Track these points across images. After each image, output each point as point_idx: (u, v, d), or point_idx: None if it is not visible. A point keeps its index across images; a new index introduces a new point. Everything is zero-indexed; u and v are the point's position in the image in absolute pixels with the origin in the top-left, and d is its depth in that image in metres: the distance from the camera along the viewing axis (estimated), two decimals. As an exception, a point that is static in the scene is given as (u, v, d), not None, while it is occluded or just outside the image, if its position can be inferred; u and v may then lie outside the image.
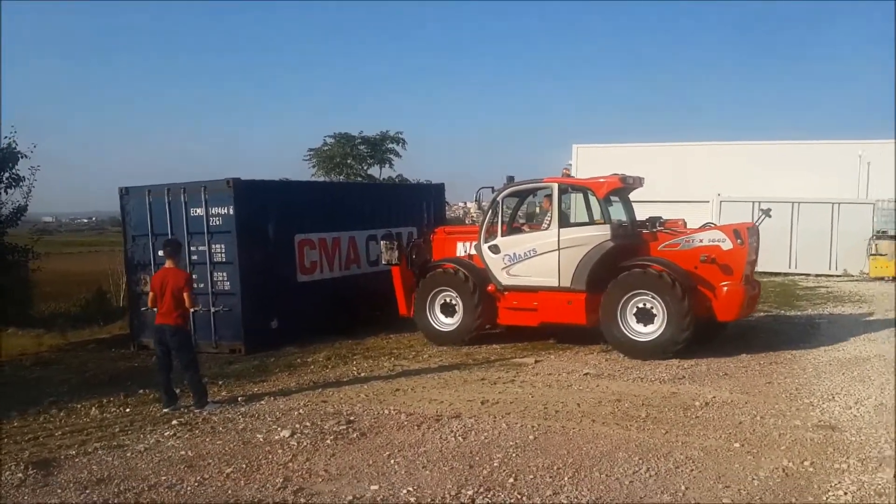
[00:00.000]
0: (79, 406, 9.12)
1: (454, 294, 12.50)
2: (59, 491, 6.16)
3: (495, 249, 12.05)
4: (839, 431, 7.26)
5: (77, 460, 6.91)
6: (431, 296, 12.72)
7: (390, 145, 32.76)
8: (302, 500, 5.74)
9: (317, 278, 14.05)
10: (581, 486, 5.93)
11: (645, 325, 10.93)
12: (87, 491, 6.12)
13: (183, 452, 7.05)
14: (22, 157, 15.98)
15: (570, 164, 12.53)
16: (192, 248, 12.76)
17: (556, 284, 11.51)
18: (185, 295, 8.68)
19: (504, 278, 12.01)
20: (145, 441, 7.48)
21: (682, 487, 5.86)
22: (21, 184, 16.09)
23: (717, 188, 26.69)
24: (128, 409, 8.93)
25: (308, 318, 13.50)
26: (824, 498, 5.59)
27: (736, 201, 25.09)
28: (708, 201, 26.47)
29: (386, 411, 8.29)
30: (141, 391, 9.78)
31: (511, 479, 6.09)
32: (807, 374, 9.78)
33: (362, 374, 10.48)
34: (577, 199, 14.72)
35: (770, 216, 12.07)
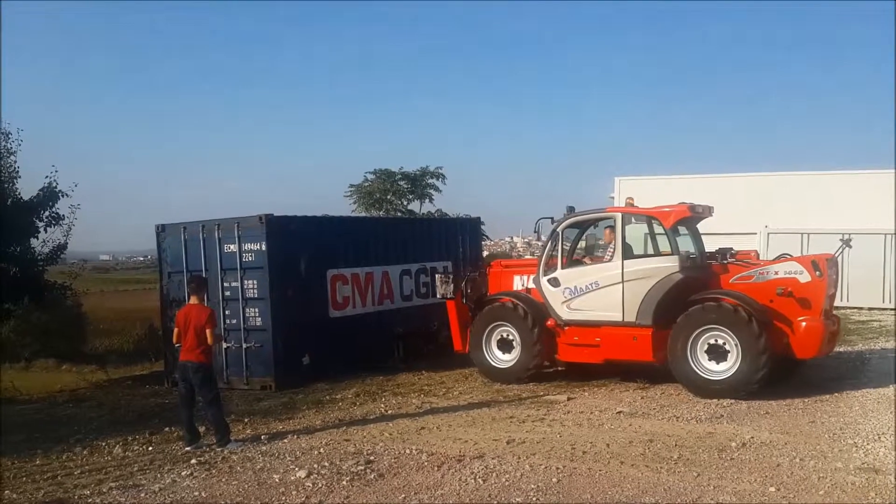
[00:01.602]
0: (103, 444, 9.11)
1: (511, 329, 12.02)
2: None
3: (555, 282, 11.62)
4: (883, 474, 6.81)
5: (90, 500, 6.86)
6: (488, 331, 12.25)
7: (430, 180, 32.90)
8: (308, 545, 5.55)
9: (349, 314, 13.98)
10: (601, 534, 5.62)
11: (717, 363, 10.35)
12: (96, 532, 6.04)
13: (196, 493, 6.95)
14: (63, 196, 16.39)
15: (632, 197, 12.00)
16: (224, 285, 12.84)
17: (621, 319, 11.01)
18: (207, 331, 8.66)
19: (564, 313, 11.57)
20: (161, 481, 7.40)
21: (709, 536, 5.51)
22: (61, 222, 16.48)
23: (763, 220, 26.02)
24: (150, 448, 8.88)
25: (340, 353, 13.43)
26: (863, 549, 5.19)
27: (784, 233, 24.40)
28: (755, 233, 25.79)
29: (407, 451, 8.08)
30: (167, 429, 9.75)
31: (528, 525, 5.82)
32: (853, 413, 9.29)
33: (389, 412, 10.30)
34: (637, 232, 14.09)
35: (850, 246, 11.53)
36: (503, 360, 12.15)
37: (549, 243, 11.83)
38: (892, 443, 7.88)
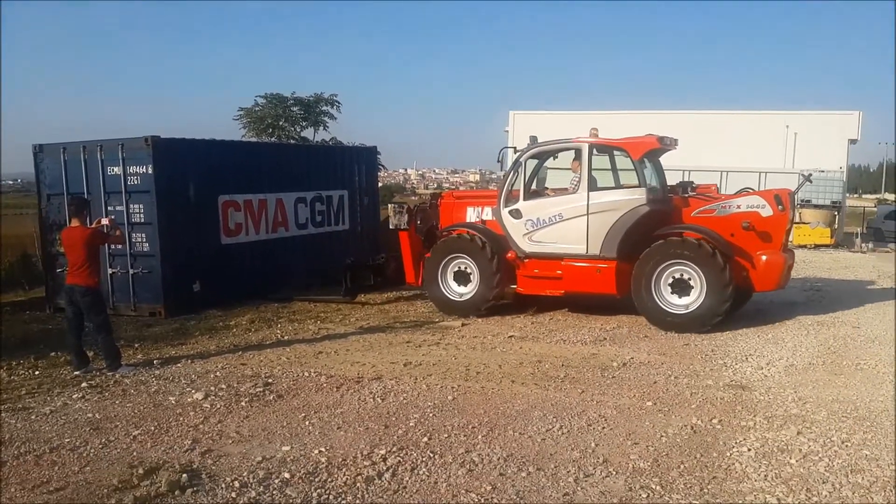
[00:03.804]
0: (-15, 369, 8.73)
1: (469, 261, 11.74)
2: (-46, 455, 5.88)
3: (517, 214, 11.35)
4: (749, 391, 7.45)
5: (-23, 425, 6.61)
6: (444, 263, 11.95)
7: (324, 107, 32.14)
8: (209, 462, 5.59)
9: (242, 241, 13.72)
10: (494, 444, 5.93)
11: (680, 297, 10.39)
12: (-15, 454, 5.86)
13: (90, 415, 6.81)
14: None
15: (596, 128, 11.62)
16: (109, 208, 12.28)
17: (585, 252, 10.87)
18: (103, 244, 8.40)
19: (526, 245, 11.35)
20: (52, 404, 7.20)
21: (593, 444, 5.92)
22: None
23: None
24: (37, 372, 8.58)
25: (233, 281, 13.22)
26: (728, 454, 5.71)
27: (666, 170, 25.51)
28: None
29: (306, 373, 8.17)
30: (53, 354, 9.42)
31: (425, 439, 6.06)
32: (724, 337, 10.01)
33: (286, 338, 10.31)
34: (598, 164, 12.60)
35: (811, 181, 11.71)
36: (459, 292, 11.92)
37: (511, 174, 11.48)
38: (757, 363, 8.60)
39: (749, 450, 5.78)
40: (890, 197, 71.73)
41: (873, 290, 14.66)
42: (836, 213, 27.01)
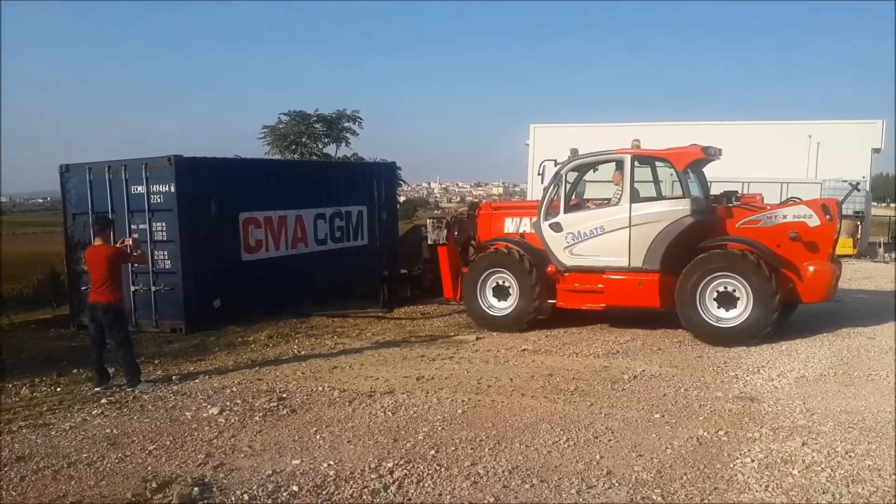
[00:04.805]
0: (10, 386, 8.99)
1: (508, 275, 11.64)
2: (-23, 470, 6.10)
3: (557, 227, 11.23)
4: (757, 402, 7.46)
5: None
6: (483, 278, 11.84)
7: (346, 124, 32.49)
8: (221, 475, 5.74)
9: (262, 257, 13.99)
10: (500, 457, 6.03)
11: (727, 310, 10.26)
12: (6, 469, 6.05)
13: (108, 430, 7.01)
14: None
15: (638, 139, 11.43)
16: (132, 227, 12.60)
17: (627, 264, 10.75)
18: (126, 263, 8.68)
19: (566, 258, 11.23)
20: (72, 420, 7.42)
21: (598, 456, 5.99)
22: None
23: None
24: (59, 389, 8.84)
25: (253, 297, 13.46)
26: (732, 465, 5.76)
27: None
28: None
29: (320, 388, 8.32)
30: (75, 371, 9.69)
31: (433, 452, 6.17)
32: (737, 349, 9.99)
33: (302, 353, 10.48)
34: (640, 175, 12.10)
35: (859, 190, 11.55)
36: (499, 308, 11.81)
37: (552, 186, 11.31)
38: (769, 375, 8.60)
39: (753, 461, 5.82)
40: (918, 205, 70.68)
41: (892, 301, 14.51)
42: (859, 222, 26.74)
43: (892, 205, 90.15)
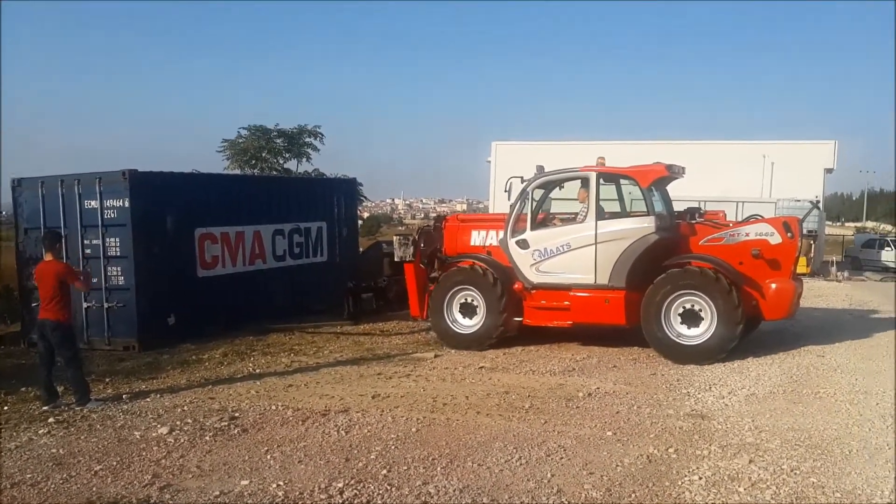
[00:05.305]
0: (-46, 405, 8.75)
1: (476, 293, 11.58)
2: (-86, 492, 5.91)
3: (524, 244, 11.25)
4: (708, 420, 7.57)
5: (-61, 460, 6.65)
6: (450, 296, 11.79)
7: (308, 139, 32.40)
8: (167, 496, 5.65)
9: (219, 273, 13.82)
10: (451, 476, 6.02)
11: (689, 328, 10.38)
12: (-56, 491, 5.89)
13: (54, 450, 6.85)
14: None
15: (603, 157, 11.53)
16: (85, 242, 12.41)
17: (593, 282, 10.78)
18: (71, 284, 8.52)
19: (533, 276, 11.24)
20: (17, 439, 7.24)
21: (549, 474, 6.01)
22: None
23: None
24: (6, 408, 8.60)
25: (209, 314, 13.27)
26: (680, 482, 5.82)
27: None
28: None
29: (273, 407, 8.23)
30: (23, 389, 9.44)
31: (384, 471, 6.14)
32: (690, 367, 10.13)
33: (257, 371, 10.37)
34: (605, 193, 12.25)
35: (819, 208, 11.68)
36: (465, 325, 11.76)
37: (518, 203, 11.33)
38: (720, 392, 8.74)
39: (700, 478, 5.89)
40: (869, 225, 72.56)
41: (843, 319, 14.90)
42: (812, 241, 27.32)
43: (848, 224, 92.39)
